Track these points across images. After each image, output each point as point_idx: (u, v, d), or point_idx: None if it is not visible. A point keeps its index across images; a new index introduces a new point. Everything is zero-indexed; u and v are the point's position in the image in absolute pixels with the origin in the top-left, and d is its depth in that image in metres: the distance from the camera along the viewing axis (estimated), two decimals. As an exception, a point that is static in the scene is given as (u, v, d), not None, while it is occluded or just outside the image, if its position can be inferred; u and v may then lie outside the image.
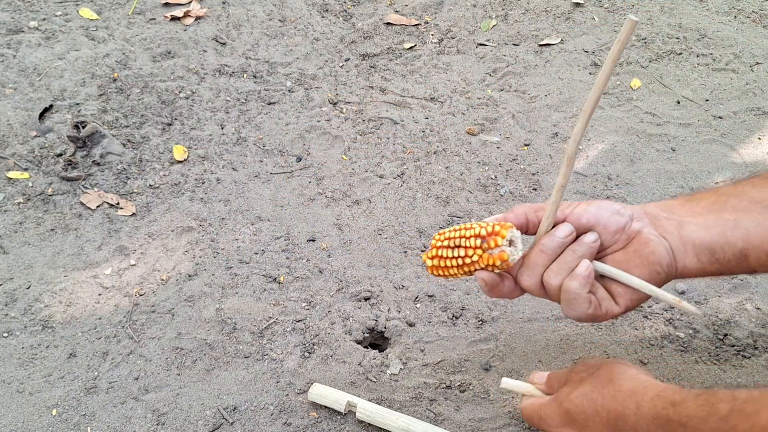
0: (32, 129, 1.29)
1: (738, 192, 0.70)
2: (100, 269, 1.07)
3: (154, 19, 1.59)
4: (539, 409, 0.75)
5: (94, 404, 0.88)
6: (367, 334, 0.99)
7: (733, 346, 0.96)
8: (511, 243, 0.69)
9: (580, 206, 0.71)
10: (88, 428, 0.86)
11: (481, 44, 1.57)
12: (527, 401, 0.79)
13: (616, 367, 0.68)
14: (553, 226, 0.71)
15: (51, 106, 1.34)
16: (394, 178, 1.24)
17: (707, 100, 1.41)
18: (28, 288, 1.03)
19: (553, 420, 0.72)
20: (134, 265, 1.08)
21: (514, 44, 1.57)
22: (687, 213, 0.71)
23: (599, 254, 0.72)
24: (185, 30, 1.56)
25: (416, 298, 1.03)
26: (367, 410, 0.85)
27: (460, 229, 0.72)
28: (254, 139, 1.32)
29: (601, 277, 0.72)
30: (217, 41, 1.54)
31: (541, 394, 0.79)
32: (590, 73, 1.48)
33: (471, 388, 0.91)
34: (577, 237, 0.70)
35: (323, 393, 0.87)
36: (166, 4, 1.63)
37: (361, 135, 1.33)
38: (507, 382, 0.82)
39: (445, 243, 0.72)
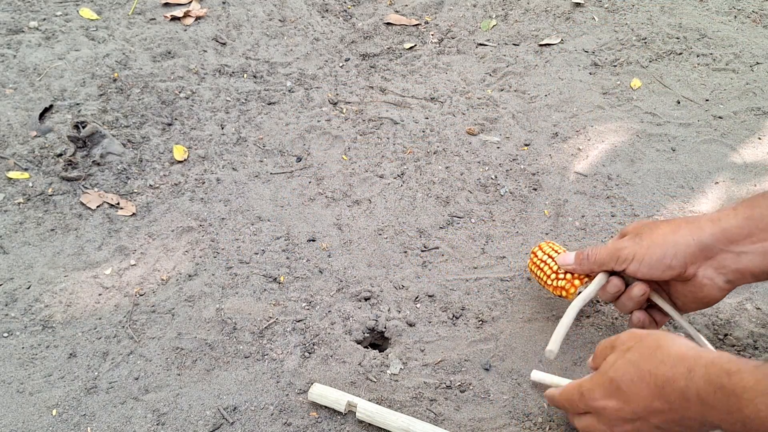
0: (32, 129, 1.29)
1: None
2: (100, 269, 1.07)
3: (154, 19, 1.59)
4: (580, 385, 0.72)
5: (94, 404, 0.88)
6: (367, 334, 0.99)
7: (733, 346, 0.96)
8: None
9: (634, 263, 0.80)
10: (89, 428, 0.86)
11: (481, 44, 1.57)
12: (559, 387, 0.78)
13: (665, 335, 0.67)
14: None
15: (51, 106, 1.34)
16: (395, 178, 1.24)
17: (707, 100, 1.41)
18: (28, 288, 1.03)
19: (597, 392, 0.69)
20: (134, 265, 1.08)
21: (514, 44, 1.57)
22: (746, 239, 0.73)
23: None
24: (185, 30, 1.56)
25: (416, 298, 1.03)
26: (367, 410, 0.85)
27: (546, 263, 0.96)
28: (254, 139, 1.32)
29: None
30: (217, 41, 1.54)
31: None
32: (590, 74, 1.48)
33: (471, 388, 0.91)
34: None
35: (323, 393, 0.87)
36: (166, 4, 1.63)
37: (361, 135, 1.33)
38: (537, 375, 0.87)
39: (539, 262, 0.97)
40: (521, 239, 1.12)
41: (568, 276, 0.91)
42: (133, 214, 1.16)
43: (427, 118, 1.37)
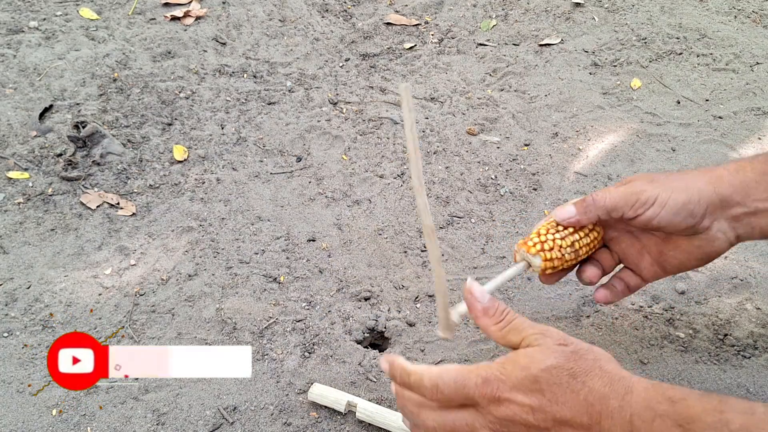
0: (32, 129, 1.29)
1: None
2: (100, 269, 1.07)
3: (154, 19, 1.59)
4: (484, 369, 0.58)
5: (94, 404, 0.88)
6: (367, 334, 0.99)
7: (733, 346, 0.96)
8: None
9: (655, 206, 0.69)
10: (89, 428, 0.86)
11: (481, 44, 1.57)
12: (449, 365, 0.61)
13: (603, 353, 0.59)
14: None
15: (51, 106, 1.34)
16: (395, 178, 1.24)
17: (707, 100, 1.41)
18: (28, 288, 1.03)
19: (509, 384, 0.57)
20: (134, 265, 1.08)
21: (514, 44, 1.57)
22: (762, 195, 0.69)
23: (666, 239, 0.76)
24: (185, 30, 1.56)
25: (416, 298, 1.03)
26: (367, 410, 0.85)
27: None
28: (254, 139, 1.32)
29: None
30: (217, 41, 1.54)
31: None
32: (590, 74, 1.48)
33: (471, 388, 0.91)
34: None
35: (323, 393, 0.87)
36: (166, 4, 1.63)
37: (361, 135, 1.33)
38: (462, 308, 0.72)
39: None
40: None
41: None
42: (133, 214, 1.16)
43: (427, 118, 1.37)
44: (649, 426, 0.49)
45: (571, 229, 0.76)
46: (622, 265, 0.83)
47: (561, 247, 0.75)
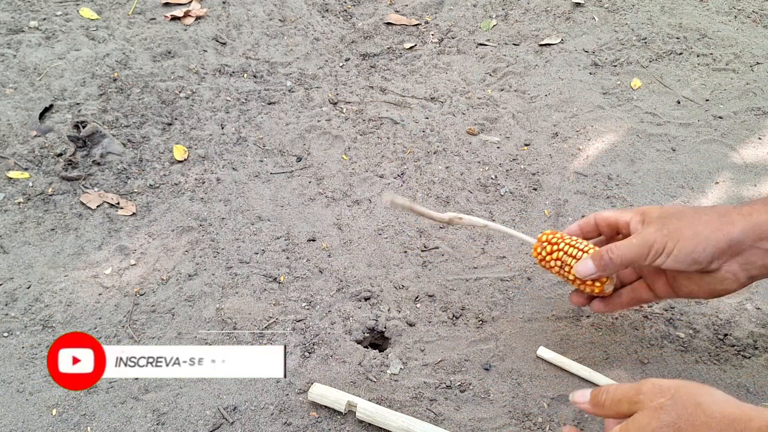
0: (32, 129, 1.29)
1: None
2: (100, 269, 1.07)
3: (155, 18, 1.59)
4: None
5: (94, 404, 0.88)
6: (367, 334, 0.99)
7: (733, 346, 0.96)
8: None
9: (662, 256, 0.75)
10: (88, 428, 0.86)
11: (481, 44, 1.57)
12: None
13: (699, 387, 0.59)
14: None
15: (51, 105, 1.34)
16: (395, 178, 1.24)
17: (707, 100, 1.41)
18: (28, 288, 1.03)
19: None
20: (134, 264, 1.08)
21: (514, 44, 1.57)
22: None
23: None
24: (185, 30, 1.56)
25: (416, 298, 1.03)
26: (368, 410, 0.85)
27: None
28: (254, 139, 1.31)
29: None
30: (217, 41, 1.54)
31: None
32: (590, 73, 1.48)
33: (471, 388, 0.91)
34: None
35: (323, 393, 0.87)
36: (167, 4, 1.63)
37: (361, 135, 1.33)
38: (544, 352, 0.92)
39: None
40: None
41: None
42: (133, 213, 1.16)
43: (427, 118, 1.37)
44: None
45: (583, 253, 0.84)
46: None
47: (562, 264, 0.85)
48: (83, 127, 1.22)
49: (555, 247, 0.85)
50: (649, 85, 1.45)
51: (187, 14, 1.59)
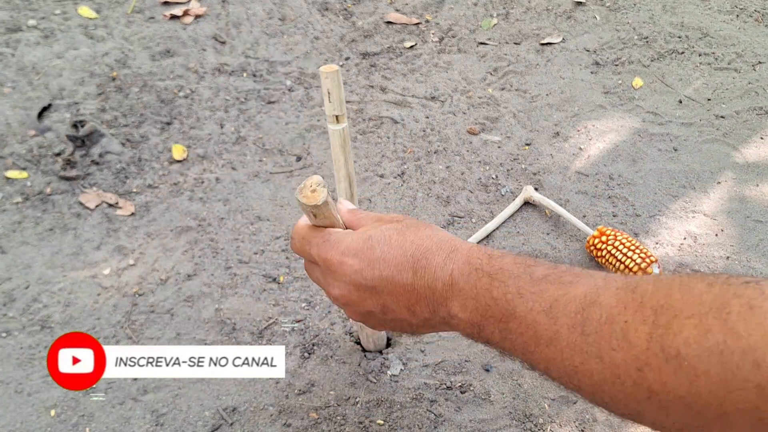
0: (31, 128, 1.28)
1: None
2: (98, 269, 1.06)
3: (153, 17, 1.58)
4: (329, 232, 0.59)
5: (92, 405, 0.88)
6: (367, 335, 0.99)
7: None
8: None
9: None
10: (87, 429, 0.85)
11: (482, 43, 1.56)
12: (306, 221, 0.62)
13: (437, 227, 0.59)
14: None
15: (50, 105, 1.33)
16: (395, 177, 1.24)
17: (709, 100, 1.41)
18: (26, 288, 1.03)
19: (345, 244, 0.57)
20: (133, 264, 1.07)
21: (515, 43, 1.56)
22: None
23: None
24: (184, 29, 1.55)
25: (417, 298, 1.03)
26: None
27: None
28: (254, 139, 1.31)
29: None
30: (216, 40, 1.53)
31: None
32: (592, 73, 1.47)
33: (471, 389, 0.90)
34: None
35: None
36: (166, 3, 1.62)
37: (361, 134, 1.33)
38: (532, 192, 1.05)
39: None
40: (522, 239, 1.12)
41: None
42: (132, 213, 1.15)
43: (427, 118, 1.37)
44: (465, 278, 0.51)
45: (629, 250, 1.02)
46: None
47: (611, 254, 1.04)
48: (82, 127, 1.22)
49: (608, 240, 1.04)
50: (651, 85, 1.45)
51: (186, 13, 1.58)
